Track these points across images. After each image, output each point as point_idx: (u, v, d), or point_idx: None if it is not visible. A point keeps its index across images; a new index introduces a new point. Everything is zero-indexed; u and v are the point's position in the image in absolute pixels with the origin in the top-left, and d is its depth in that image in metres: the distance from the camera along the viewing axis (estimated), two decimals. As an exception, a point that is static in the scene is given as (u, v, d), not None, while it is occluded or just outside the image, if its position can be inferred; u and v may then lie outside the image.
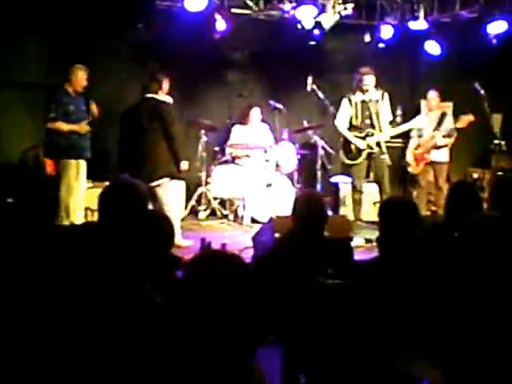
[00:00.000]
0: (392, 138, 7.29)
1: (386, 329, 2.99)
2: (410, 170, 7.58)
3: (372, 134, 6.92)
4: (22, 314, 2.48)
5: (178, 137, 6.23)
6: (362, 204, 7.13)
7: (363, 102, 6.97)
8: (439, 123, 7.48)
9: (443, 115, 7.52)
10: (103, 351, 2.29)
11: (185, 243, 6.18)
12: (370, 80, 6.98)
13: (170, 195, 6.21)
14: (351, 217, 6.99)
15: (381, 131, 6.96)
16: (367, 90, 6.99)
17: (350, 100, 7.00)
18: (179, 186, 6.62)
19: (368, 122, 6.94)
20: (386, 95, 7.06)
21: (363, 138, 6.92)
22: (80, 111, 6.45)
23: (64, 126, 6.31)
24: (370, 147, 6.91)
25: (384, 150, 6.97)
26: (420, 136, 7.54)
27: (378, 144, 6.95)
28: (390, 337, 2.97)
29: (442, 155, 7.57)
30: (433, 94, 7.60)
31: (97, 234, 3.12)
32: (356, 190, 7.09)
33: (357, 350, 3.04)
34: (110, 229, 3.08)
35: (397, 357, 2.94)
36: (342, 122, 7.04)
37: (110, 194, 3.24)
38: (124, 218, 3.05)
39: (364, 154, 6.93)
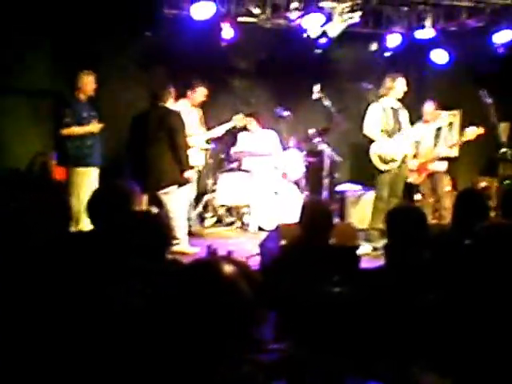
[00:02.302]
0: None
1: (393, 338, 2.97)
2: (410, 180, 7.47)
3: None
4: (14, 318, 2.49)
5: (183, 146, 6.24)
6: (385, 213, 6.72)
7: (392, 108, 6.79)
8: (437, 133, 7.44)
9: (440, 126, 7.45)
10: (84, 355, 2.29)
11: (191, 250, 6.18)
12: (404, 83, 6.81)
13: (176, 202, 6.22)
14: (364, 225, 6.91)
15: None
16: (401, 95, 6.82)
17: (381, 105, 6.76)
18: (187, 192, 6.63)
19: (398, 127, 6.77)
20: (405, 109, 6.95)
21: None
22: (92, 117, 6.48)
23: (77, 130, 6.32)
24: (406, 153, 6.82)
25: None
26: (416, 146, 7.46)
27: None
28: (396, 346, 2.96)
29: (440, 164, 7.53)
30: (429, 108, 7.43)
31: (94, 241, 3.15)
32: (381, 198, 6.75)
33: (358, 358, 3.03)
34: (101, 234, 3.12)
35: (402, 365, 2.93)
36: (374, 127, 6.79)
37: (93, 199, 3.34)
38: (110, 221, 3.08)
39: (400, 160, 6.75)
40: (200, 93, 7.29)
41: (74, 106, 6.37)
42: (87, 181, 6.42)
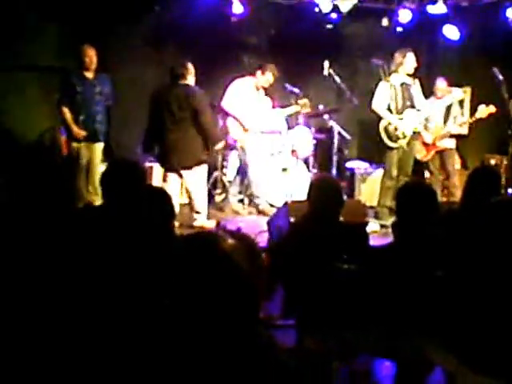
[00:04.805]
0: None
1: (401, 314, 2.99)
2: (418, 157, 7.41)
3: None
4: (33, 301, 2.50)
5: (209, 125, 6.18)
6: (393, 191, 6.51)
7: (402, 84, 6.69)
8: (448, 110, 7.41)
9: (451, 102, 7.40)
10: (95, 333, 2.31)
11: (209, 224, 6.26)
12: (414, 58, 6.68)
13: (197, 175, 6.27)
14: (373, 202, 6.90)
15: None
16: (411, 70, 6.70)
17: (389, 83, 6.65)
18: (203, 169, 6.66)
19: (409, 103, 6.70)
20: (417, 80, 6.85)
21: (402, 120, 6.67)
22: (91, 93, 6.44)
23: (66, 114, 6.41)
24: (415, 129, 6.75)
25: None
26: (426, 122, 7.41)
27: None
28: (404, 322, 2.97)
29: (449, 142, 7.50)
30: (441, 84, 7.41)
31: (103, 216, 3.17)
32: (389, 176, 6.72)
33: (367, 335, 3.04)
34: (113, 208, 3.13)
35: (411, 342, 2.95)
36: (382, 105, 6.71)
37: (107, 173, 3.36)
38: (124, 197, 3.09)
39: (408, 136, 6.67)
40: (267, 78, 7.23)
41: (69, 81, 6.39)
42: (91, 156, 6.48)
